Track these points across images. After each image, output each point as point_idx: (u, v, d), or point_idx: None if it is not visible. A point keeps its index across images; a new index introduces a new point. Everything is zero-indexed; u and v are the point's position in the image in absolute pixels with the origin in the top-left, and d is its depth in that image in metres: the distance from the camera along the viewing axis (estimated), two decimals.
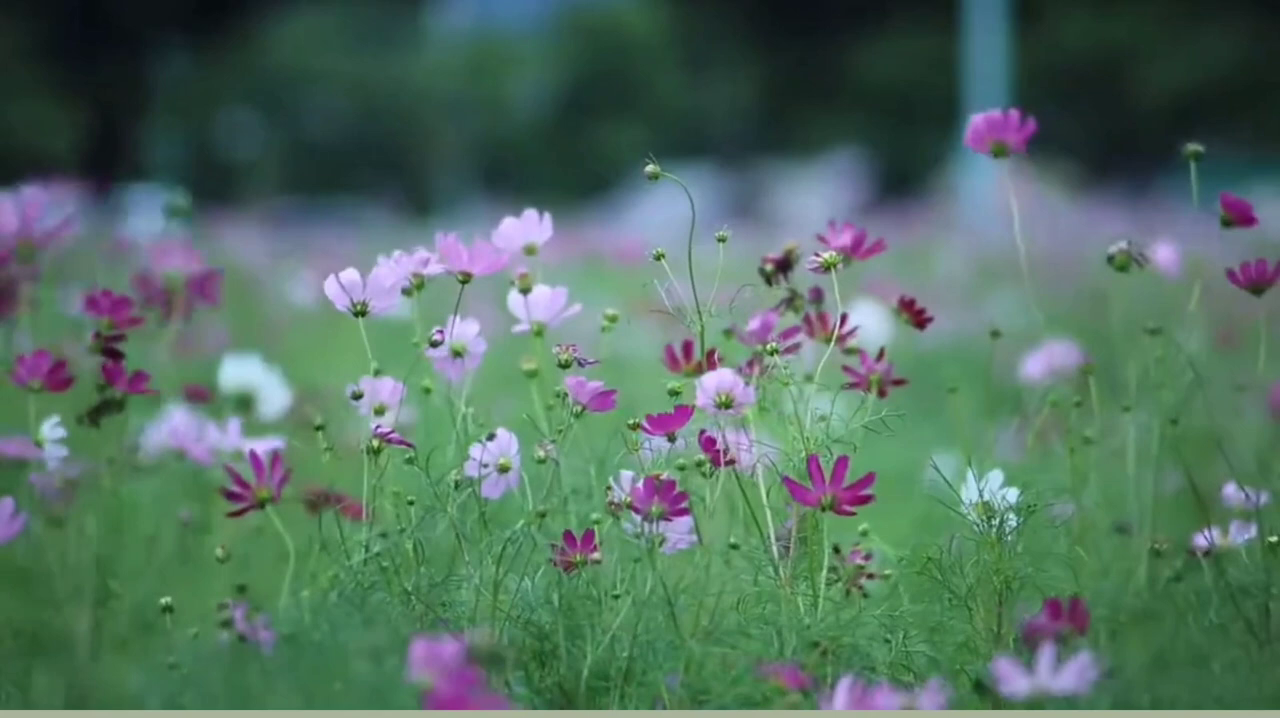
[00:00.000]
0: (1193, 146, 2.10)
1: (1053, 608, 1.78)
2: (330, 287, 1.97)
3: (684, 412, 1.93)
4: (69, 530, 2.01)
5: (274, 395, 2.78)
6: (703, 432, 1.95)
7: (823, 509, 1.90)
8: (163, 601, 1.96)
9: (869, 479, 1.89)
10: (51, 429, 2.04)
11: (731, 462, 1.94)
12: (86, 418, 2.02)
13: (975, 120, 2.13)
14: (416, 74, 28.49)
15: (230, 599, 1.87)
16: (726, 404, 1.94)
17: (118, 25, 28.72)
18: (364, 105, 28.65)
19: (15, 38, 26.71)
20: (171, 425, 2.56)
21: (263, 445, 2.51)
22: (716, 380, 1.94)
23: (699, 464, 1.93)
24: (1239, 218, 2.07)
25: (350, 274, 1.98)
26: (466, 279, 2.04)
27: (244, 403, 2.57)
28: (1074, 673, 1.63)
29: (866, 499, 1.90)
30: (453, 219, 16.09)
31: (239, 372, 2.78)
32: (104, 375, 2.01)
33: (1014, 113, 2.12)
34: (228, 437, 2.54)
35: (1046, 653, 1.64)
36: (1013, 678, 1.64)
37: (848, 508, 1.89)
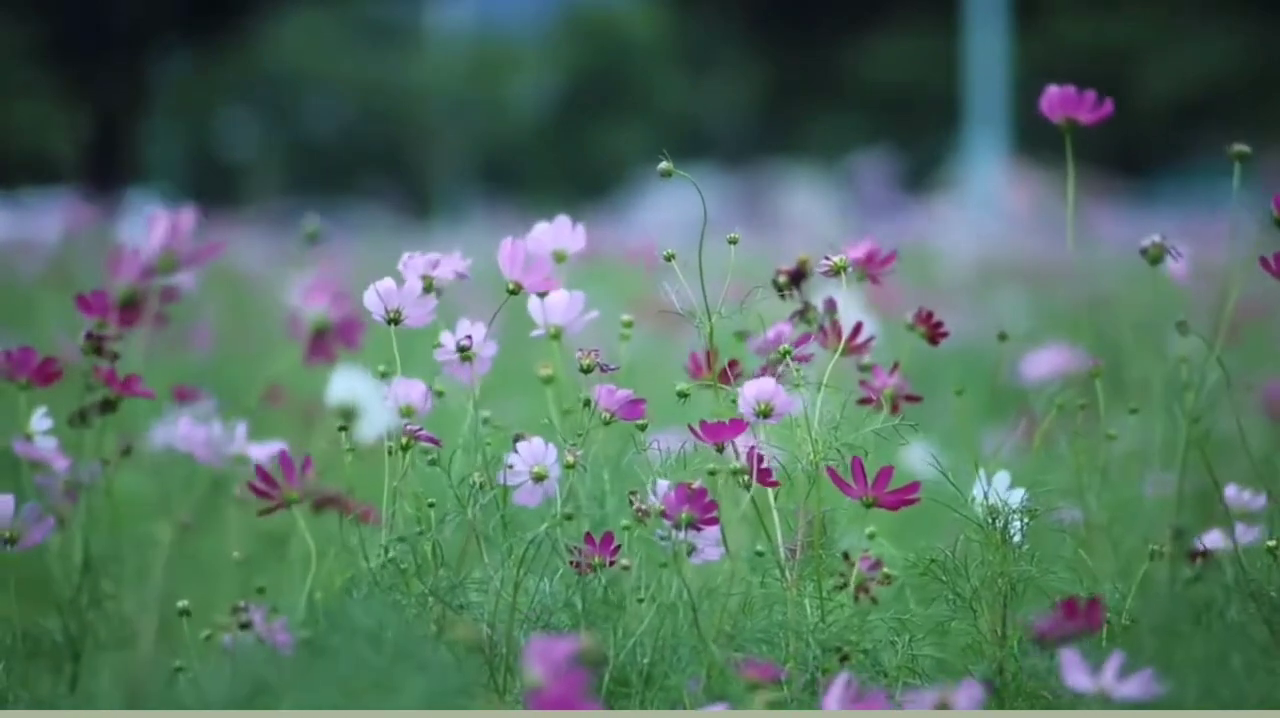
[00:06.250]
0: (1239, 147, 2.06)
1: (1068, 609, 1.73)
2: (369, 298, 1.95)
3: (737, 423, 1.91)
4: (71, 531, 2.01)
5: (378, 415, 2.64)
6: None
7: (867, 508, 1.90)
8: (180, 604, 1.96)
9: (914, 487, 1.89)
10: (39, 420, 2.03)
11: (768, 473, 1.92)
12: (77, 418, 2.02)
13: (1050, 91, 2.12)
14: (417, 74, 28.47)
15: (246, 601, 1.87)
16: (766, 413, 1.93)
17: (118, 26, 28.70)
18: (364, 106, 28.64)
19: (16, 39, 26.69)
20: (181, 428, 2.55)
21: (264, 449, 2.51)
22: (757, 389, 1.93)
23: (734, 472, 1.89)
24: None
25: (387, 283, 1.96)
26: (515, 291, 2.01)
27: (348, 417, 2.52)
28: (1139, 683, 1.60)
29: (911, 502, 1.89)
30: (455, 220, 16.05)
31: (347, 385, 2.69)
32: (97, 376, 2.00)
33: (1090, 92, 2.12)
34: (235, 440, 2.53)
35: (1115, 658, 1.60)
36: (1078, 677, 1.60)
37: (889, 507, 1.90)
